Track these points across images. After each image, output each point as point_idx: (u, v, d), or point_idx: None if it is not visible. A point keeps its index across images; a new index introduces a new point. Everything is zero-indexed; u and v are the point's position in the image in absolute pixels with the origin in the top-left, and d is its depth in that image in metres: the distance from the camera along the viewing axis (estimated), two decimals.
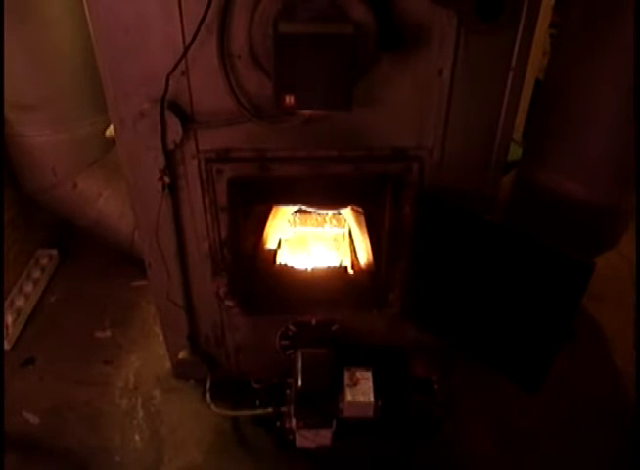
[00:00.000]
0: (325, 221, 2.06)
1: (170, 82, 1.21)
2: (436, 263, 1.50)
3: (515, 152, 1.89)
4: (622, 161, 1.54)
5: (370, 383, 1.56)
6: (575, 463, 1.74)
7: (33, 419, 1.81)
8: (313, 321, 1.69)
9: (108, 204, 2.08)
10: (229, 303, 1.62)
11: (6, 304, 2.13)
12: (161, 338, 1.85)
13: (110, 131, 1.55)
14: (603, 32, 1.44)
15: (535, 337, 1.35)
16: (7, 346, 2.06)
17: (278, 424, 1.63)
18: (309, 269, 1.85)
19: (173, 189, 1.39)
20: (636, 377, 1.05)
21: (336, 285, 1.78)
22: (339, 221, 2.05)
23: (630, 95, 1.41)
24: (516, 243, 1.30)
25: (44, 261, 2.40)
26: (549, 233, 1.34)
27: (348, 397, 1.53)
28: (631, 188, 1.61)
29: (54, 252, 2.46)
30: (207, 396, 1.75)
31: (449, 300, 1.52)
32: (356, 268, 1.86)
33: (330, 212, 1.98)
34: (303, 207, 1.84)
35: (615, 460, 1.72)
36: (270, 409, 1.64)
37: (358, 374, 1.57)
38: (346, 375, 1.57)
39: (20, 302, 2.18)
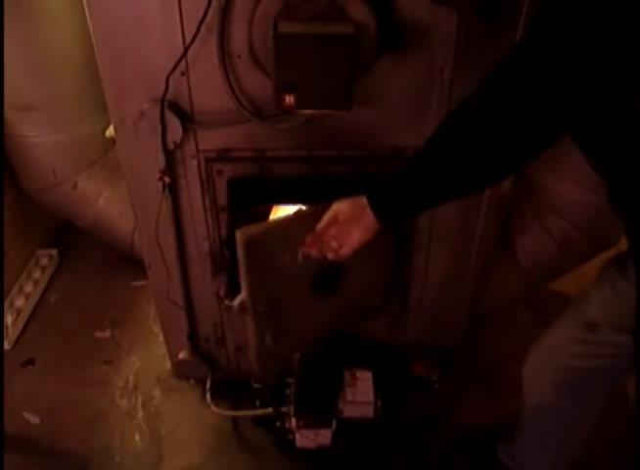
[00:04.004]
0: None
1: (170, 82, 1.21)
2: None
3: None
4: None
5: (370, 383, 1.56)
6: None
7: (33, 419, 1.81)
8: None
9: (108, 204, 2.07)
10: (229, 303, 1.62)
11: (6, 304, 2.13)
12: (161, 338, 1.85)
13: (110, 131, 1.55)
14: None
15: None
16: (7, 346, 2.05)
17: (278, 424, 1.63)
18: None
19: (173, 189, 1.39)
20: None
21: None
22: None
23: None
24: None
25: (44, 261, 2.40)
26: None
27: (348, 397, 1.53)
28: None
29: (54, 252, 2.45)
30: (207, 396, 1.75)
31: None
32: None
33: None
34: (303, 207, 1.83)
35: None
36: (270, 409, 1.63)
37: (358, 374, 1.57)
38: (346, 375, 1.57)
39: (20, 302, 2.18)
